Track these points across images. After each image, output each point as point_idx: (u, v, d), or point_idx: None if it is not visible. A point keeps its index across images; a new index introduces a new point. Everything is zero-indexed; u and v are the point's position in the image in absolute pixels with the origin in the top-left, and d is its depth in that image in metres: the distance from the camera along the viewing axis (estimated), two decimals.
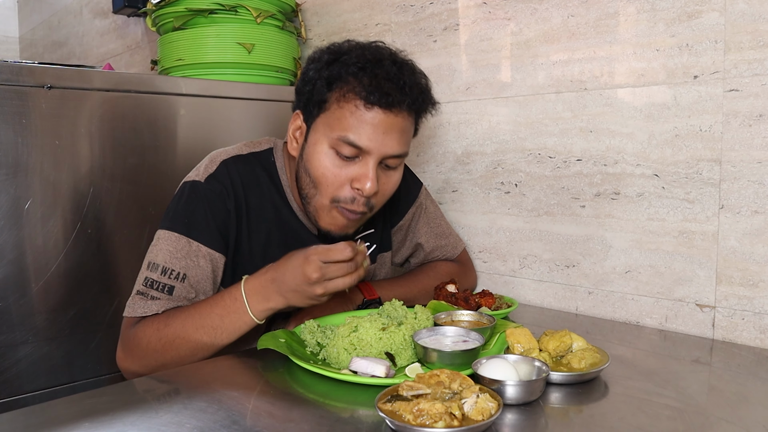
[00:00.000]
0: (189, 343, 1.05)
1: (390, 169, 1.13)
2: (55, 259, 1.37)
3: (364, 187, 1.07)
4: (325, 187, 1.10)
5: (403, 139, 1.10)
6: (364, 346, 0.98)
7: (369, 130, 1.06)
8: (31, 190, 1.33)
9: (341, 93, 1.08)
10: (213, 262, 1.13)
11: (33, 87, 1.32)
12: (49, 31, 3.53)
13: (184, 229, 1.11)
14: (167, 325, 1.06)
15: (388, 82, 1.06)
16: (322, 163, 1.09)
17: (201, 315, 1.05)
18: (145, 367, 1.07)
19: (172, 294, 1.09)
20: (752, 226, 1.12)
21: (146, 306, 1.08)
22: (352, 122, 1.06)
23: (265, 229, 1.19)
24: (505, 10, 1.46)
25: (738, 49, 1.12)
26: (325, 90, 1.09)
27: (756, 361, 1.05)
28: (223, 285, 1.16)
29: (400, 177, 1.16)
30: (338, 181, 1.09)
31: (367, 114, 1.06)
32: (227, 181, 1.15)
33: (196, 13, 1.74)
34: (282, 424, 0.79)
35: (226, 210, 1.14)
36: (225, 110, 1.67)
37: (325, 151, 1.09)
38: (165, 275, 1.09)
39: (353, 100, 1.07)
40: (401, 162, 1.14)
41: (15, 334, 1.32)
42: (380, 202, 1.15)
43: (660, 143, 1.22)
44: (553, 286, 1.42)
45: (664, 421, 0.79)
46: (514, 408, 0.82)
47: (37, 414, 0.84)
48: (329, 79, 1.09)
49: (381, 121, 1.06)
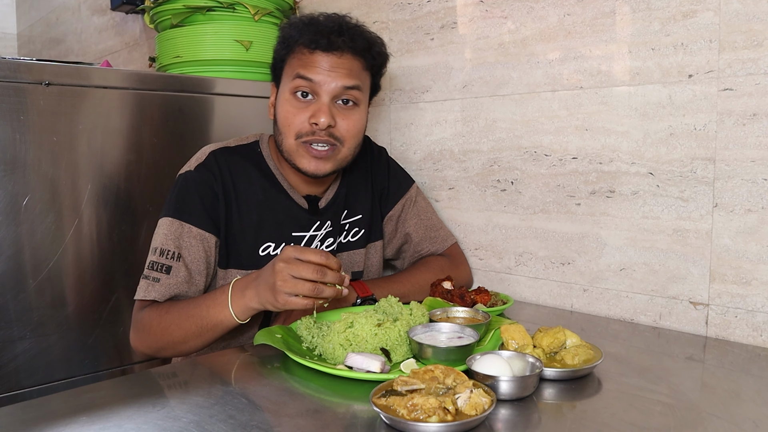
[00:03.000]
0: (180, 330, 1.12)
1: (348, 107, 1.24)
2: (53, 256, 1.38)
3: (318, 120, 1.19)
4: (288, 127, 1.23)
5: (350, 75, 1.22)
6: (359, 342, 0.99)
7: (316, 68, 1.21)
8: (29, 186, 1.33)
9: (293, 49, 1.24)
10: (204, 242, 1.22)
11: (31, 84, 1.33)
12: (47, 28, 3.53)
13: (177, 213, 1.22)
14: (167, 312, 1.14)
15: (326, 29, 1.21)
16: (284, 108, 1.24)
17: (195, 304, 1.13)
18: (149, 348, 1.17)
19: (169, 273, 1.18)
20: (745, 224, 1.13)
21: (148, 289, 1.18)
22: (301, 64, 1.22)
23: (256, 211, 1.27)
24: (501, 8, 1.47)
25: (732, 48, 1.12)
26: (283, 51, 1.26)
27: (748, 359, 1.06)
28: (220, 266, 1.26)
29: (361, 117, 1.27)
30: (298, 119, 1.21)
31: (312, 57, 1.21)
32: (215, 169, 1.25)
33: (194, 11, 1.75)
34: (278, 419, 0.80)
35: (214, 193, 1.24)
36: (222, 107, 1.68)
37: (287, 98, 1.24)
38: (163, 256, 1.19)
39: (300, 50, 1.23)
40: (358, 101, 1.25)
41: (13, 329, 1.33)
42: (348, 137, 1.25)
43: (655, 142, 1.23)
44: (549, 284, 1.42)
45: (655, 417, 0.80)
46: (507, 403, 0.83)
47: (35, 408, 0.85)
48: (283, 41, 1.26)
49: (326, 62, 1.21)
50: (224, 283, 1.24)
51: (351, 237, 1.39)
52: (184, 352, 1.16)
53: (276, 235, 1.28)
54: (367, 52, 1.26)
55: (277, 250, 1.28)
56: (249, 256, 1.27)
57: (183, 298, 1.19)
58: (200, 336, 1.12)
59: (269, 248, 1.28)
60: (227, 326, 1.10)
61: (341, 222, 1.38)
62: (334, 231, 1.35)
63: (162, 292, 1.17)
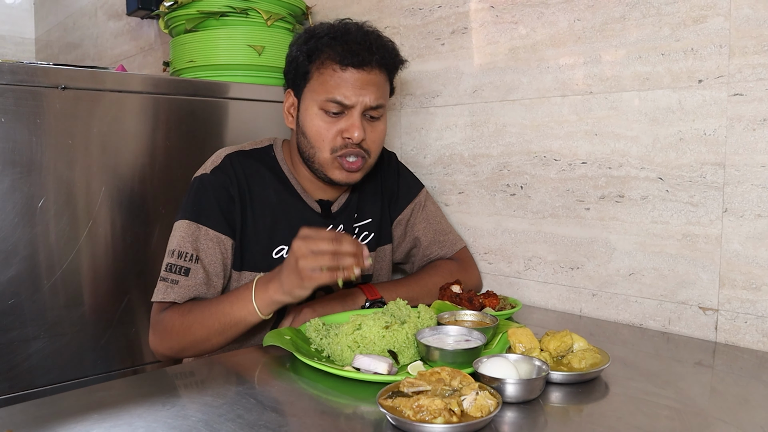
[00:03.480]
0: (204, 328, 1.14)
1: (374, 120, 1.28)
2: (67, 257, 1.40)
3: (352, 135, 1.23)
4: (321, 142, 1.25)
5: (378, 92, 1.26)
6: (367, 344, 0.99)
7: (348, 87, 1.22)
8: (44, 188, 1.36)
9: (320, 62, 1.24)
10: (221, 244, 1.24)
11: (48, 87, 1.35)
12: (64, 33, 3.58)
13: (193, 216, 1.23)
14: (190, 311, 1.16)
15: (357, 46, 1.22)
16: (315, 123, 1.25)
17: (217, 302, 1.15)
18: (169, 348, 1.18)
19: (188, 275, 1.20)
20: (755, 229, 1.13)
21: (167, 290, 1.19)
22: (332, 84, 1.22)
23: (270, 214, 1.29)
24: (512, 13, 1.48)
25: (742, 53, 1.12)
26: (307, 63, 1.25)
27: (758, 364, 1.05)
28: (234, 268, 1.28)
29: (385, 127, 1.31)
30: (330, 134, 1.24)
31: (344, 74, 1.22)
32: (231, 172, 1.27)
33: (207, 16, 1.77)
34: (285, 419, 0.81)
35: (230, 196, 1.26)
36: (235, 111, 1.69)
37: (315, 113, 1.25)
38: (181, 258, 1.20)
39: (330, 66, 1.23)
40: (382, 113, 1.29)
41: (27, 329, 1.35)
42: (374, 148, 1.29)
43: (664, 147, 1.23)
44: (558, 288, 1.42)
45: (662, 421, 0.80)
46: (513, 406, 0.84)
47: (48, 405, 0.86)
48: (308, 53, 1.25)
49: (357, 79, 1.22)
50: (238, 285, 1.26)
51: (361, 241, 1.40)
52: (205, 350, 1.17)
53: (289, 238, 1.28)
54: (393, 66, 1.31)
55: None
56: (263, 258, 1.29)
57: (202, 299, 1.21)
58: (223, 333, 1.14)
59: (282, 251, 1.30)
60: (250, 322, 1.13)
61: (353, 226, 1.39)
62: None
63: (181, 293, 1.19)
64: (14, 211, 1.32)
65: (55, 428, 0.78)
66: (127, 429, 0.77)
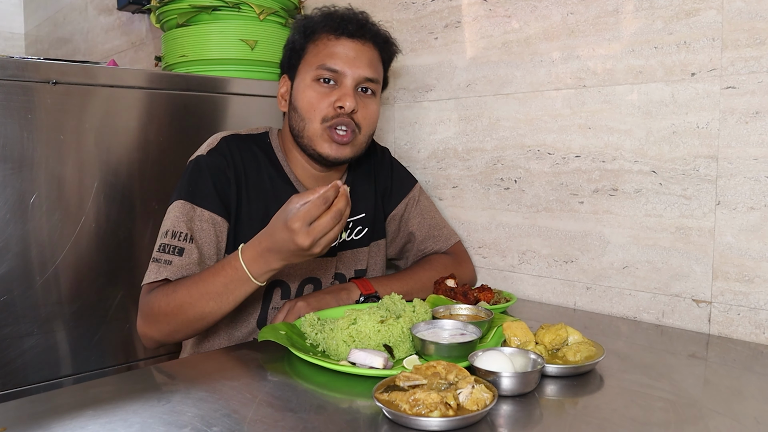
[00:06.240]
0: (195, 309, 1.10)
1: (366, 96, 1.28)
2: (59, 253, 1.39)
3: (345, 104, 1.22)
4: (312, 112, 1.24)
5: (372, 67, 1.27)
6: (362, 339, 0.99)
7: (341, 55, 1.24)
8: (36, 184, 1.35)
9: (315, 36, 1.27)
10: (215, 225, 1.22)
11: (38, 82, 1.34)
12: (55, 28, 3.55)
13: (188, 196, 1.21)
14: (175, 291, 1.12)
15: (350, 18, 1.27)
16: (307, 94, 1.25)
17: (206, 283, 1.11)
18: (159, 332, 1.15)
19: (182, 255, 1.16)
20: (748, 222, 1.13)
21: (159, 270, 1.15)
22: (326, 53, 1.25)
23: (263, 199, 1.28)
24: (505, 7, 1.47)
25: (735, 46, 1.13)
26: (302, 40, 1.28)
27: (751, 356, 1.06)
28: (227, 251, 1.25)
29: (378, 108, 1.31)
30: (323, 104, 1.24)
31: (338, 43, 1.25)
32: (227, 153, 1.26)
33: (199, 10, 1.76)
34: (281, 413, 0.81)
35: (226, 178, 1.25)
36: (228, 106, 1.69)
37: (309, 84, 1.25)
38: (175, 238, 1.17)
39: (325, 37, 1.26)
40: (375, 91, 1.30)
41: (20, 326, 1.34)
42: (365, 125, 1.28)
43: (657, 140, 1.23)
44: (552, 282, 1.43)
45: (656, 413, 0.81)
46: (509, 399, 0.84)
47: (43, 402, 0.86)
48: (304, 31, 1.28)
49: (350, 48, 1.25)
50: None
51: (355, 235, 1.40)
52: (199, 329, 1.14)
53: None
54: (384, 44, 1.32)
55: None
56: None
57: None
58: (218, 312, 1.11)
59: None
60: (249, 294, 1.11)
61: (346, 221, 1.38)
62: None
63: (174, 272, 1.15)
64: (6, 207, 1.31)
65: (49, 425, 0.77)
66: (122, 425, 0.77)
